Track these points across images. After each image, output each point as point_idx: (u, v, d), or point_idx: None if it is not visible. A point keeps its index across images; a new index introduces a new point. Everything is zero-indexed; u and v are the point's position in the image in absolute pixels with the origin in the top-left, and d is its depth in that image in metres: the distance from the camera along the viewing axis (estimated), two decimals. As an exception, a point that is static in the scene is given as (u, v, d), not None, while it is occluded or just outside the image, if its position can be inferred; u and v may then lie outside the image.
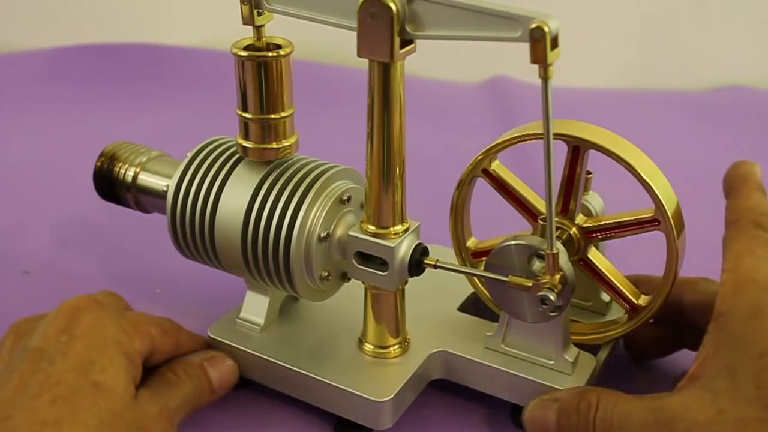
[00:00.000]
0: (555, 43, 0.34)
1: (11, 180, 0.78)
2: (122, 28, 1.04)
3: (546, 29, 0.34)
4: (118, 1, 1.04)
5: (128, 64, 1.01)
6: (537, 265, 0.43)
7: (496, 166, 0.48)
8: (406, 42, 0.39)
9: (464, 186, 0.49)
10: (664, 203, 0.44)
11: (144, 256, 0.65)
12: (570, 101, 0.96)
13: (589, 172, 0.49)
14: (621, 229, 0.47)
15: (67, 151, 0.83)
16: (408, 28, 0.38)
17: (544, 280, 0.42)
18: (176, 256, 0.64)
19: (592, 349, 0.48)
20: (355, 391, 0.45)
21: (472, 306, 0.53)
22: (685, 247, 0.46)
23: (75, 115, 0.91)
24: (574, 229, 0.47)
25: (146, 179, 0.53)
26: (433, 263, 0.45)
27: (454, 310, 0.52)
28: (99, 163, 0.55)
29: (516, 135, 0.46)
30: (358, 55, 0.40)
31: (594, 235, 0.47)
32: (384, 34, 0.38)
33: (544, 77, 0.35)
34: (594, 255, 0.48)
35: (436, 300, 0.52)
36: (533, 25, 0.34)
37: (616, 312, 0.51)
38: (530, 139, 0.46)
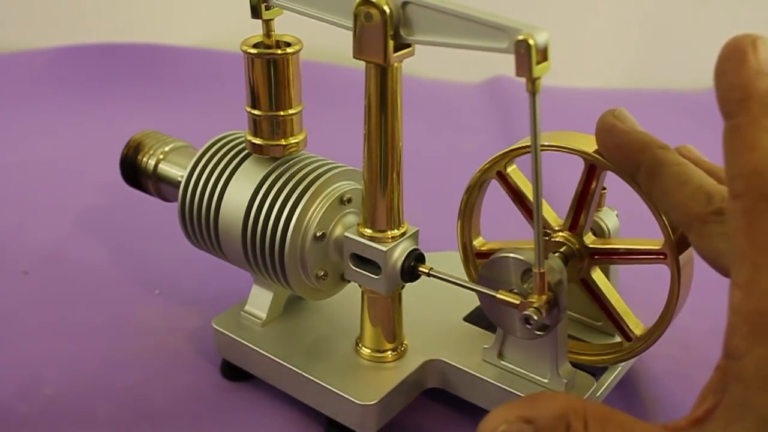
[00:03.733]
0: (544, 57, 0.33)
1: (11, 180, 0.78)
2: (122, 28, 1.04)
3: (531, 42, 0.33)
4: (118, 1, 1.04)
5: (128, 64, 1.01)
6: (530, 281, 0.42)
7: (512, 171, 0.48)
8: (403, 45, 0.39)
9: (473, 190, 0.48)
10: (674, 240, 0.42)
11: (144, 257, 0.65)
12: (570, 101, 0.97)
13: (603, 188, 0.48)
14: (626, 257, 0.45)
15: (67, 150, 0.83)
16: (402, 32, 0.38)
17: (531, 299, 0.41)
18: (176, 257, 0.64)
19: (599, 371, 0.48)
20: (341, 393, 0.45)
21: (481, 316, 0.51)
22: (692, 277, 0.45)
23: (75, 115, 0.91)
24: (579, 247, 0.46)
25: (166, 169, 0.55)
26: (427, 271, 0.45)
27: (459, 319, 0.51)
28: (125, 151, 0.57)
29: (513, 148, 0.46)
30: (354, 57, 0.40)
31: (598, 257, 0.46)
32: (378, 36, 0.38)
33: (532, 91, 0.34)
34: (597, 276, 0.47)
35: (443, 308, 0.52)
36: (519, 38, 0.33)
37: None
38: (546, 150, 0.45)
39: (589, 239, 0.47)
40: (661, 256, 0.44)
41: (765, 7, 1.05)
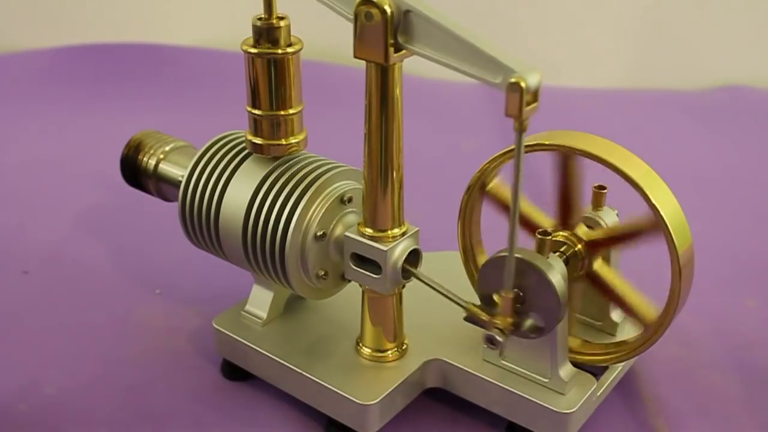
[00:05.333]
0: (534, 98, 0.34)
1: (11, 180, 0.78)
2: (122, 28, 1.04)
3: (523, 85, 0.33)
4: (118, 1, 1.04)
5: (128, 64, 1.01)
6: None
7: (494, 186, 0.48)
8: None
9: (473, 190, 0.48)
10: (661, 211, 0.42)
11: (144, 257, 0.66)
12: (570, 101, 0.97)
13: (603, 187, 0.48)
14: (624, 239, 0.45)
15: (67, 151, 0.83)
16: (399, 38, 0.38)
17: (497, 321, 0.41)
18: (176, 257, 0.64)
19: (600, 371, 0.48)
20: (342, 393, 0.45)
21: None
22: (692, 277, 0.45)
23: (75, 115, 0.91)
24: (578, 242, 0.46)
25: (166, 168, 0.55)
26: (414, 272, 0.45)
27: (460, 319, 0.51)
28: (125, 151, 0.57)
29: (513, 147, 0.46)
30: (355, 56, 0.40)
31: (596, 247, 0.46)
32: (378, 36, 0.38)
33: (519, 130, 0.34)
34: (600, 268, 0.47)
35: (443, 308, 0.51)
36: (512, 80, 0.33)
37: (626, 333, 0.50)
38: (528, 151, 0.45)
39: (584, 233, 0.47)
40: (656, 230, 0.43)
41: (764, 7, 1.05)
